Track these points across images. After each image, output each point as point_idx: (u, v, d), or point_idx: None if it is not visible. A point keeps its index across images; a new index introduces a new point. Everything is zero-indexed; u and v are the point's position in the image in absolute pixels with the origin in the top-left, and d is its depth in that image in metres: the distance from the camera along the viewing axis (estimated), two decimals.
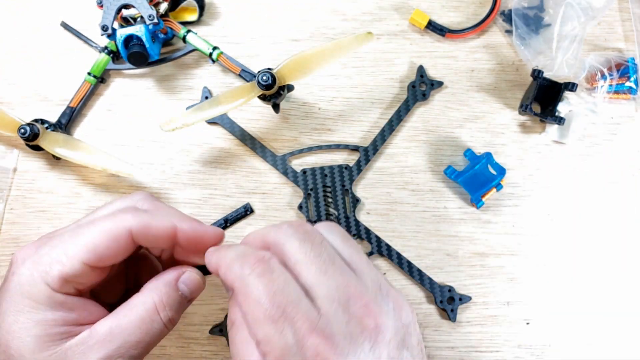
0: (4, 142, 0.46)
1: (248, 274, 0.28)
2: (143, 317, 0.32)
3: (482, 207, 0.44)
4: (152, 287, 0.33)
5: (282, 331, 0.27)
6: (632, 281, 0.44)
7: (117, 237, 0.32)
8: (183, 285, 0.34)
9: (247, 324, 0.28)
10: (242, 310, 0.28)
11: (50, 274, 0.31)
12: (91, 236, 0.32)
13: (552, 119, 0.44)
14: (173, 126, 0.41)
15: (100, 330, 0.31)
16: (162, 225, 0.33)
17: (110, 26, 0.43)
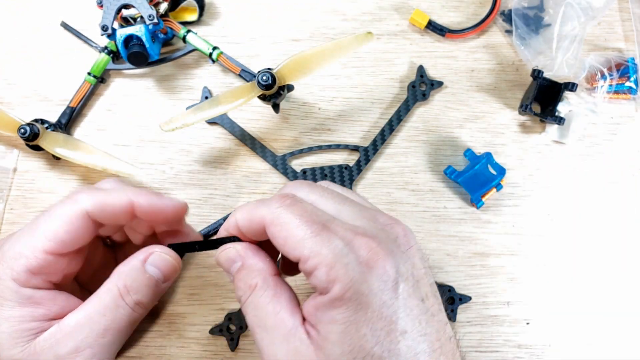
0: (4, 142, 0.46)
1: (278, 207, 0.29)
2: (107, 304, 0.32)
3: (482, 207, 0.44)
4: (117, 272, 0.33)
5: (328, 240, 0.27)
6: (632, 281, 0.44)
7: (74, 220, 0.32)
8: (151, 267, 0.33)
9: (289, 248, 0.28)
10: (281, 237, 0.28)
11: (16, 269, 0.31)
12: (48, 224, 0.31)
13: (552, 119, 0.44)
14: (173, 126, 0.41)
15: (68, 323, 0.31)
16: (117, 201, 0.33)
17: (110, 26, 0.43)
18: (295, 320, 0.28)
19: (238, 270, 0.31)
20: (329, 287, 0.26)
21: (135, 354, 0.42)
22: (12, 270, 0.31)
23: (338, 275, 0.26)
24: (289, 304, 0.29)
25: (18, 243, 0.31)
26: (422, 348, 0.27)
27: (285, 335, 0.28)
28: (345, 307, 0.26)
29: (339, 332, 0.26)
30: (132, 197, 0.33)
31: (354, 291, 0.26)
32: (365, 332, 0.26)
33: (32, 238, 0.31)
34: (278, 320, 0.28)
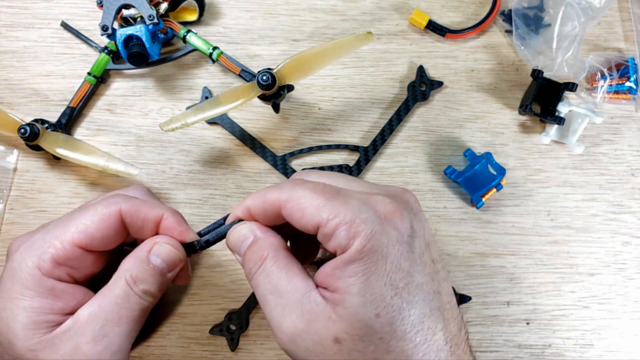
0: (4, 142, 0.46)
1: (291, 187, 0.30)
2: (118, 294, 0.32)
3: (482, 207, 0.44)
4: (125, 264, 0.33)
5: (345, 201, 0.28)
6: (632, 281, 0.44)
7: (108, 218, 0.32)
8: (155, 257, 0.34)
9: (307, 218, 0.29)
10: (298, 210, 0.29)
11: (42, 258, 0.31)
12: (82, 218, 0.32)
13: (552, 119, 0.44)
14: (173, 126, 0.41)
15: (83, 314, 0.32)
16: (151, 211, 0.34)
17: (110, 26, 0.43)
18: (309, 285, 0.29)
19: (249, 246, 0.31)
20: (350, 243, 0.27)
21: (135, 353, 0.42)
22: (38, 258, 0.31)
23: (358, 229, 0.27)
24: (301, 271, 0.30)
25: (49, 233, 0.32)
26: (436, 304, 0.28)
27: (299, 299, 0.29)
28: (367, 258, 0.27)
29: (360, 283, 0.27)
30: (164, 213, 0.34)
31: (374, 243, 0.27)
32: (385, 281, 0.27)
33: (63, 229, 0.32)
34: (291, 285, 0.29)
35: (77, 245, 0.32)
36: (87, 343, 0.31)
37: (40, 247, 0.32)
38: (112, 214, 0.33)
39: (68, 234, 0.32)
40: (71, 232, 0.32)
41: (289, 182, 0.31)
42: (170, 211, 0.35)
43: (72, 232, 0.32)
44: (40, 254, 0.31)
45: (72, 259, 0.32)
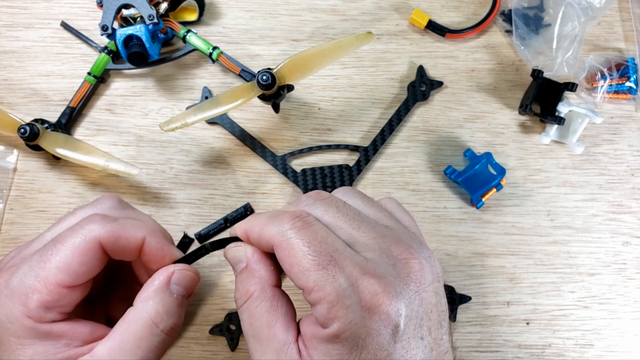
0: (4, 142, 0.46)
1: (288, 229, 0.28)
2: (141, 335, 0.30)
3: (482, 207, 0.44)
4: (145, 298, 0.31)
5: (334, 276, 0.27)
6: (632, 281, 0.44)
7: (88, 252, 0.30)
8: (176, 287, 0.32)
9: (294, 276, 0.28)
10: (287, 263, 0.28)
11: (29, 306, 0.29)
12: (62, 256, 0.29)
13: (552, 119, 0.44)
14: (173, 126, 0.41)
15: (101, 354, 0.29)
16: (132, 237, 0.31)
17: (110, 26, 0.43)
18: (289, 337, 0.28)
19: (241, 271, 0.31)
20: (328, 323, 0.26)
21: None
22: (25, 307, 0.29)
23: (338, 314, 0.26)
24: (284, 318, 0.29)
25: (28, 277, 0.29)
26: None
27: (277, 350, 0.28)
28: (341, 345, 0.26)
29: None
30: (146, 236, 0.32)
31: (351, 333, 0.26)
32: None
33: (44, 271, 0.29)
34: (271, 334, 0.28)
35: (62, 286, 0.29)
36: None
37: (23, 293, 0.29)
38: (92, 246, 0.30)
39: (51, 276, 0.29)
40: (54, 274, 0.29)
41: (288, 220, 0.29)
42: (151, 231, 0.32)
43: (55, 273, 0.29)
44: (25, 301, 0.29)
45: (59, 300, 0.30)
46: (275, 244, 0.28)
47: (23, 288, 0.29)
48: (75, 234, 0.30)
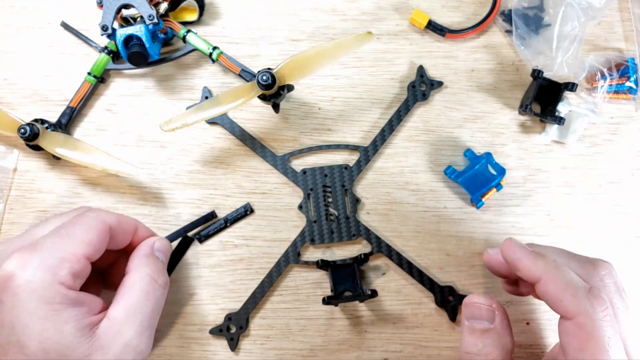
0: (4, 142, 0.46)
1: (600, 317, 0.31)
2: (147, 290, 0.36)
3: (482, 207, 0.44)
4: (140, 263, 0.37)
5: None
6: (632, 282, 0.44)
7: (102, 231, 0.36)
8: (159, 253, 0.39)
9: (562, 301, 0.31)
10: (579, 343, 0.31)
11: (61, 274, 0.33)
12: (85, 232, 0.35)
13: (552, 119, 0.44)
14: (173, 126, 0.41)
15: (118, 315, 0.34)
16: (130, 223, 0.39)
17: (110, 26, 0.43)
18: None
19: (487, 330, 0.34)
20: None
21: None
22: (58, 275, 0.33)
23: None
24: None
25: (58, 250, 0.33)
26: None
27: None
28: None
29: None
30: (137, 224, 0.40)
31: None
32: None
33: (72, 245, 0.34)
34: None
35: (87, 257, 0.34)
36: (134, 339, 0.34)
37: (55, 264, 0.33)
38: (104, 227, 0.36)
39: (78, 248, 0.34)
40: (81, 247, 0.34)
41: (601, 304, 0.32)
42: (139, 221, 0.40)
43: (82, 246, 0.34)
44: (56, 271, 0.33)
45: (83, 270, 0.34)
46: (579, 320, 0.31)
47: (55, 260, 0.33)
48: (90, 218, 0.36)
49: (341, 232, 0.44)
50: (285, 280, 0.44)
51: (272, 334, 0.43)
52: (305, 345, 0.42)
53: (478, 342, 0.34)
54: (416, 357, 0.42)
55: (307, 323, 0.43)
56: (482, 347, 0.33)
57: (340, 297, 0.40)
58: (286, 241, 0.44)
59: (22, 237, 0.37)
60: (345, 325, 0.43)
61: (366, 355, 0.42)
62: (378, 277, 0.44)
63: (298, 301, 0.43)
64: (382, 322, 0.43)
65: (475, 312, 0.35)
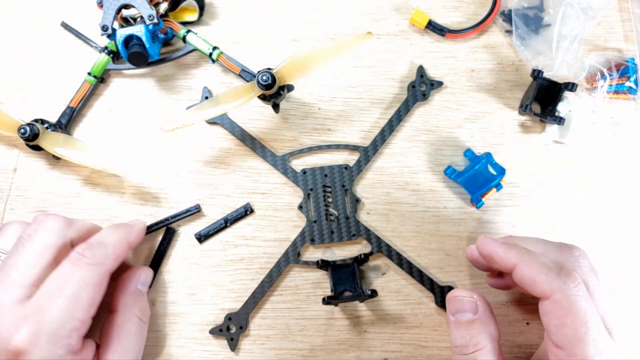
0: (4, 142, 0.46)
1: (573, 292, 0.32)
2: (136, 332, 0.38)
3: (482, 207, 0.44)
4: (128, 303, 0.39)
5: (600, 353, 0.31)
6: (632, 282, 0.44)
7: (104, 283, 0.36)
8: (141, 286, 0.40)
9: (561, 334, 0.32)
10: (559, 321, 0.32)
11: (72, 343, 0.33)
12: (92, 292, 0.35)
13: (552, 119, 0.44)
14: (173, 126, 0.41)
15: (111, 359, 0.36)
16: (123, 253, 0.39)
17: (110, 26, 0.43)
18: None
19: (469, 322, 0.35)
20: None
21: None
22: (70, 346, 0.33)
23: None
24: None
25: (68, 322, 0.33)
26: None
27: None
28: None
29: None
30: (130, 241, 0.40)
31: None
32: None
33: (81, 312, 0.34)
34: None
35: (92, 317, 0.35)
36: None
37: (66, 336, 0.33)
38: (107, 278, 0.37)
39: (87, 313, 0.34)
40: (87, 310, 0.34)
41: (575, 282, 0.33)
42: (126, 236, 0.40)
43: (89, 310, 0.34)
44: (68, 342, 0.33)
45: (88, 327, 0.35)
46: (555, 297, 0.32)
47: (65, 331, 0.33)
48: (93, 271, 0.35)
49: (341, 232, 0.44)
50: (285, 280, 0.44)
51: (272, 334, 0.43)
52: (305, 345, 0.42)
53: (465, 335, 0.35)
54: (416, 357, 0.42)
55: (307, 323, 0.43)
56: (470, 339, 0.34)
57: (340, 297, 0.40)
58: (286, 241, 0.44)
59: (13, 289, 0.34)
60: (345, 325, 0.43)
61: (366, 355, 0.42)
62: (378, 277, 0.44)
63: (298, 301, 0.43)
64: (382, 322, 0.43)
65: (459, 305, 0.36)
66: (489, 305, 0.36)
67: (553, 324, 0.32)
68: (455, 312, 0.36)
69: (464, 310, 0.36)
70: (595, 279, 0.35)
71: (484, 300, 0.36)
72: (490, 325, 0.35)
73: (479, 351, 0.34)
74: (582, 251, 0.36)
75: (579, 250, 0.36)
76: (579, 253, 0.36)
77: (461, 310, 0.36)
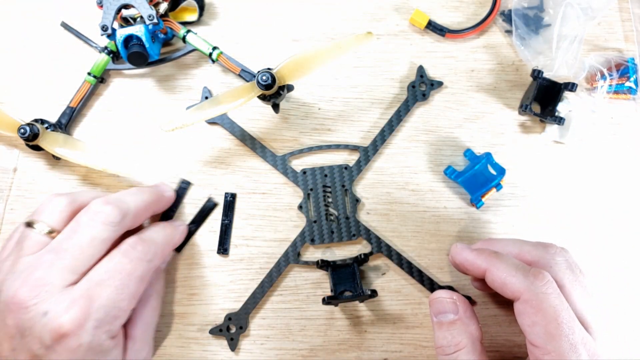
0: (4, 142, 0.46)
1: (542, 290, 0.33)
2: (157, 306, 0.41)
3: (482, 207, 0.44)
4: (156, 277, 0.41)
5: (574, 348, 0.32)
6: (631, 281, 0.44)
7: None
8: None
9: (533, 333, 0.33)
10: (530, 320, 0.33)
11: (114, 330, 0.35)
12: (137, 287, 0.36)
13: (552, 119, 0.44)
14: (173, 126, 0.41)
15: (138, 335, 0.38)
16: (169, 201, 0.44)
17: (110, 26, 0.43)
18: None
19: (450, 322, 0.36)
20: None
21: None
22: (111, 332, 0.35)
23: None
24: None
25: (113, 309, 0.35)
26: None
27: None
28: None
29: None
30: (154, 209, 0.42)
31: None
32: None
33: (125, 303, 0.36)
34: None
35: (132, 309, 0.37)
36: (148, 354, 0.40)
37: (109, 322, 0.35)
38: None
39: (129, 305, 0.36)
40: (132, 303, 0.36)
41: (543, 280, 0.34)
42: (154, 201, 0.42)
43: (133, 302, 0.36)
44: (110, 328, 0.35)
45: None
46: (524, 297, 0.33)
47: (109, 318, 0.35)
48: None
49: (341, 232, 0.44)
50: (285, 280, 0.44)
51: (272, 334, 0.43)
52: (305, 345, 0.42)
53: (447, 335, 0.36)
54: (416, 357, 0.42)
55: (307, 323, 0.43)
56: (451, 339, 0.35)
57: (340, 297, 0.40)
58: (286, 241, 0.44)
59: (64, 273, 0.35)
60: (345, 325, 0.43)
61: (366, 355, 0.42)
62: (378, 277, 0.44)
63: (298, 301, 0.43)
64: (382, 322, 0.43)
65: (440, 306, 0.37)
66: (469, 306, 0.37)
67: (526, 323, 0.33)
68: (438, 313, 0.37)
69: (446, 311, 0.37)
70: (572, 275, 0.35)
71: (464, 301, 0.37)
72: (471, 325, 0.36)
73: (460, 351, 0.35)
74: (559, 248, 0.37)
75: (555, 247, 0.37)
76: (554, 251, 0.36)
77: (443, 312, 0.37)
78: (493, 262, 0.36)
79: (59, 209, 0.37)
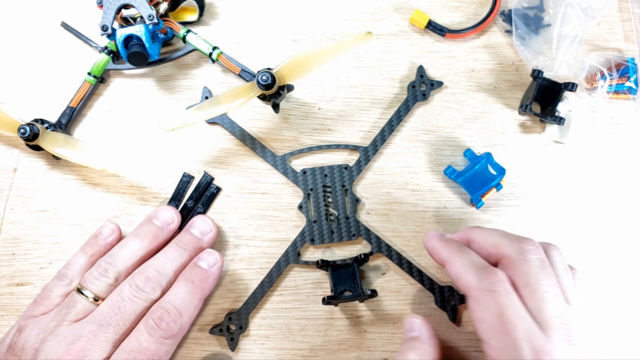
0: (4, 142, 0.46)
1: (490, 288, 0.34)
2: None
3: (482, 207, 0.44)
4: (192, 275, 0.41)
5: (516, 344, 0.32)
6: (631, 281, 0.44)
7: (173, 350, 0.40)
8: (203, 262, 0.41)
9: (480, 329, 0.34)
10: (476, 316, 0.34)
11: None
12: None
13: (552, 119, 0.44)
14: (173, 126, 0.41)
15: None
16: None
17: (110, 26, 0.43)
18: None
19: (412, 339, 0.38)
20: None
21: None
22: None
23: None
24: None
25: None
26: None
27: None
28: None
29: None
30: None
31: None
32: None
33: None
34: None
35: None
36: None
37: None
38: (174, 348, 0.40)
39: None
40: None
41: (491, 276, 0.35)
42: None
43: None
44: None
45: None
46: (473, 294, 0.35)
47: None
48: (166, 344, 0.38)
49: (341, 232, 0.44)
50: (285, 280, 0.44)
51: (272, 334, 0.43)
52: (305, 345, 0.42)
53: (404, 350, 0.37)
54: None
55: (307, 323, 0.43)
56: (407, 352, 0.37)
57: (340, 297, 0.40)
58: (286, 241, 0.44)
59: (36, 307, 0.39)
60: (345, 325, 0.43)
61: (366, 355, 0.42)
62: (378, 277, 0.44)
63: (298, 301, 0.43)
64: (382, 322, 0.43)
65: (406, 324, 0.39)
66: (432, 330, 0.38)
67: (475, 319, 0.34)
68: (404, 329, 0.39)
69: (412, 329, 0.38)
70: (541, 274, 0.35)
71: (429, 328, 0.38)
72: (427, 347, 0.37)
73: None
74: (535, 245, 0.37)
75: (530, 244, 0.36)
76: (529, 247, 0.36)
77: (408, 329, 0.38)
78: (453, 255, 0.37)
79: (105, 277, 0.38)
